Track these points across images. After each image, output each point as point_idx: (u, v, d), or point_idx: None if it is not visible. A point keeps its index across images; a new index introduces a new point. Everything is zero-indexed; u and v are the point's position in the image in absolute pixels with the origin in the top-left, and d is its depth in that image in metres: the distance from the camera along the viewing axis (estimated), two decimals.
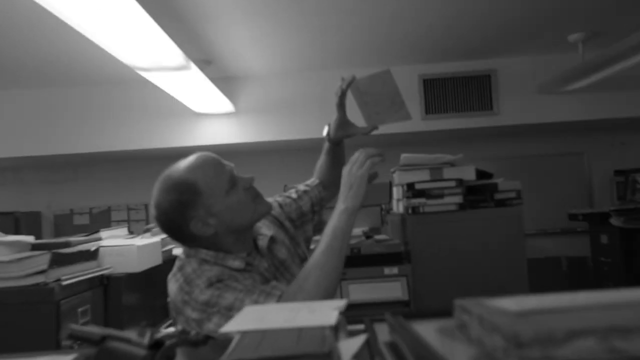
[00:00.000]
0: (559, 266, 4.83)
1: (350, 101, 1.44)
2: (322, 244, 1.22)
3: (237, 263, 1.24)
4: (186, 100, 3.92)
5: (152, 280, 2.24)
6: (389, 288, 2.74)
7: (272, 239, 1.35)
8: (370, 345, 0.64)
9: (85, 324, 1.85)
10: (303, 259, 1.39)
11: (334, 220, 1.24)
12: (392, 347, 0.64)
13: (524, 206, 2.83)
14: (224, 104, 4.17)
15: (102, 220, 5.15)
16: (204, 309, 1.13)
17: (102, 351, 0.74)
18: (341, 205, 1.25)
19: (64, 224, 5.22)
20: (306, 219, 1.51)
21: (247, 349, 0.57)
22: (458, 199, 2.77)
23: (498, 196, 2.83)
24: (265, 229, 1.37)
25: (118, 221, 5.17)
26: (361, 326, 0.78)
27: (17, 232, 3.98)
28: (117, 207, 5.27)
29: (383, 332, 0.72)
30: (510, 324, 0.45)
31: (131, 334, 0.75)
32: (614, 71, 3.47)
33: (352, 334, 0.70)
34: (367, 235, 3.07)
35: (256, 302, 1.11)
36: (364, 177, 1.25)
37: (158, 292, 2.18)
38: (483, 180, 2.89)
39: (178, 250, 2.37)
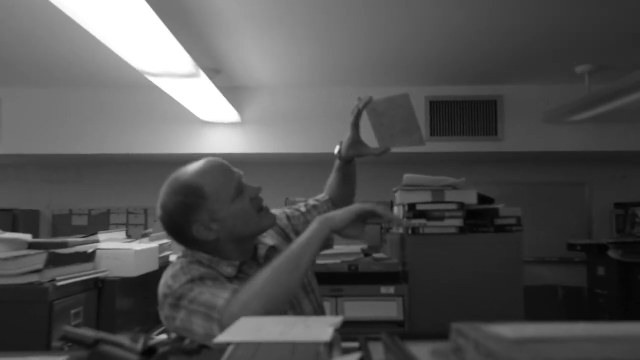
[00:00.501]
0: (556, 295, 4.80)
1: (364, 121, 1.44)
2: (288, 248, 1.21)
3: (229, 270, 1.24)
4: (193, 107, 3.94)
5: (148, 285, 2.22)
6: (385, 307, 2.72)
7: (274, 249, 1.35)
8: None
9: (77, 326, 1.84)
10: None
11: (307, 228, 1.23)
12: None
13: (523, 233, 2.83)
14: (230, 114, 4.19)
15: (100, 222, 5.14)
16: (177, 304, 1.14)
17: (95, 355, 0.74)
18: (321, 216, 1.24)
19: (63, 225, 5.21)
20: None
21: None
22: (458, 222, 2.77)
23: (498, 222, 2.83)
24: (269, 239, 1.37)
25: (117, 224, 5.16)
26: (356, 344, 0.78)
27: (15, 230, 3.98)
28: (117, 210, 5.27)
29: (377, 352, 0.71)
30: (506, 351, 0.45)
31: (124, 339, 0.75)
32: (620, 104, 3.49)
33: (347, 351, 0.70)
34: (366, 253, 3.07)
35: (214, 295, 1.10)
36: (357, 210, 1.23)
37: (152, 298, 2.16)
38: (484, 205, 2.89)
39: (175, 257, 2.36)
